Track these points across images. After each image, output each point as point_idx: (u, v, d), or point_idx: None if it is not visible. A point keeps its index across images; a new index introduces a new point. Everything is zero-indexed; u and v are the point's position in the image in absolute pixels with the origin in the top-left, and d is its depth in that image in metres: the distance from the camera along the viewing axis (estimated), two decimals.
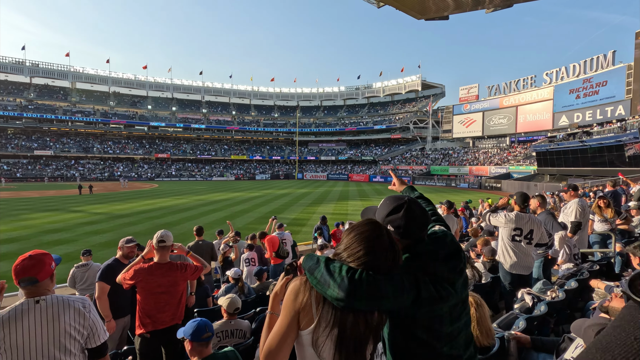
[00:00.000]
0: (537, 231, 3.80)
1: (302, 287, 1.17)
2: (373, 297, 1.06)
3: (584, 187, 20.47)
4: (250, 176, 66.57)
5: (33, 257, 1.84)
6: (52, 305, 1.79)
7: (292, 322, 1.14)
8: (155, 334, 2.92)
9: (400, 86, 76.04)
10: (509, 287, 3.88)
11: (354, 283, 1.05)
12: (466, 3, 3.19)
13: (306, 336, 1.14)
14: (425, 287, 1.13)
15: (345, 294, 1.05)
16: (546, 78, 45.28)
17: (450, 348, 1.20)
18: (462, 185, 45.86)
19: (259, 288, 5.10)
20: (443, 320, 1.18)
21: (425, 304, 1.13)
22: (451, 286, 1.18)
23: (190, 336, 2.16)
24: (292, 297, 1.17)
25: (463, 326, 1.25)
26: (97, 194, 32.38)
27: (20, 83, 64.88)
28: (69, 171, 56.35)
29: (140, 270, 2.94)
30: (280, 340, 1.14)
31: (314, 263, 1.17)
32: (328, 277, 1.09)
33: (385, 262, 1.13)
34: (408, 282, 1.12)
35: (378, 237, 1.15)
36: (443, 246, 1.24)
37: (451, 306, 1.19)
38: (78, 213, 19.72)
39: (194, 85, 78.03)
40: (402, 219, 1.22)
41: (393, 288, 1.08)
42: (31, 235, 13.41)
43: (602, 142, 29.51)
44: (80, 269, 5.40)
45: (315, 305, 1.14)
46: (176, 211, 20.60)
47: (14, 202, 24.86)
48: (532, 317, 2.65)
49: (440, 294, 1.14)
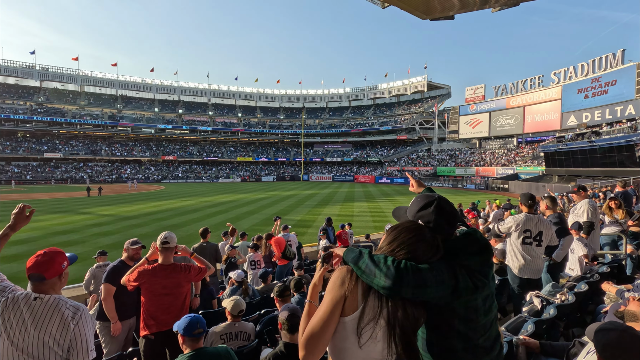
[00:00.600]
0: (547, 233, 3.71)
1: (349, 275, 1.20)
2: (418, 285, 1.12)
3: (593, 188, 20.16)
4: (256, 178, 66.78)
5: (46, 254, 1.84)
6: (44, 308, 1.75)
7: (337, 306, 1.16)
8: (159, 336, 2.92)
9: (405, 87, 75.76)
10: (518, 290, 3.80)
11: (400, 271, 1.11)
12: (472, 2, 3.14)
13: (349, 323, 1.15)
14: (462, 278, 1.19)
15: (392, 282, 1.10)
16: (554, 78, 44.77)
17: (485, 340, 1.26)
18: (469, 186, 45.51)
19: (263, 290, 5.08)
20: (478, 310, 1.24)
21: (463, 294, 1.19)
22: (485, 278, 1.25)
23: (183, 330, 2.23)
24: (339, 282, 1.19)
25: (494, 319, 1.32)
26: (105, 195, 32.73)
27: (31, 87, 65.95)
28: (77, 173, 57.05)
29: (144, 271, 2.94)
30: (323, 324, 1.14)
31: (357, 255, 1.21)
32: (373, 267, 1.14)
33: (429, 253, 1.20)
34: (447, 273, 1.18)
35: (420, 234, 1.23)
36: (474, 241, 1.31)
37: (484, 297, 1.25)
38: (86, 215, 19.94)
39: (200, 88, 78.60)
40: (432, 214, 1.28)
41: (435, 277, 1.14)
42: (41, 237, 13.59)
43: (612, 142, 29.04)
44: (100, 269, 5.50)
45: (361, 293, 1.17)
46: (182, 213, 20.73)
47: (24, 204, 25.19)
48: (541, 321, 2.60)
49: (476, 285, 1.21)
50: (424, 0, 3.11)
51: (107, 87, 71.28)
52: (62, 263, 1.87)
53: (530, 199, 3.80)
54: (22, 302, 1.74)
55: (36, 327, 1.70)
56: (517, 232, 3.75)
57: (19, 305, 1.73)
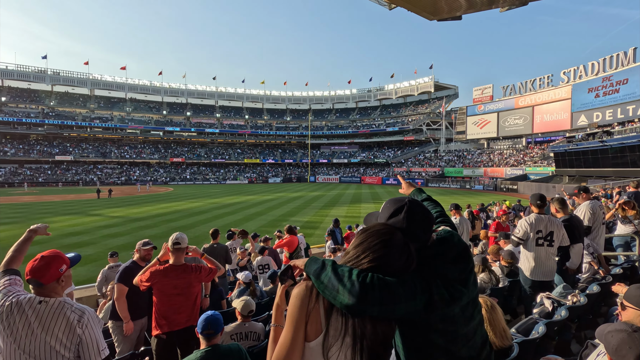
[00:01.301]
0: (558, 233, 3.67)
1: (308, 293, 1.09)
2: (386, 302, 1.00)
3: (605, 189, 19.83)
4: (263, 179, 67.06)
5: (43, 258, 1.83)
6: (49, 311, 1.75)
7: (299, 331, 1.06)
8: (171, 335, 2.96)
9: (412, 88, 75.45)
10: (530, 292, 3.76)
11: (365, 288, 0.99)
12: (479, 2, 3.13)
13: (315, 348, 1.06)
14: (437, 290, 1.08)
15: (357, 300, 0.98)
16: (564, 77, 44.18)
17: (468, 349, 1.17)
18: (477, 187, 45.10)
19: (272, 291, 5.11)
20: (457, 322, 1.14)
21: (438, 307, 1.09)
22: (463, 286, 1.15)
23: (198, 326, 2.33)
24: (298, 304, 1.08)
25: (477, 325, 1.21)
26: (114, 197, 33.17)
27: (42, 91, 67.23)
28: (88, 176, 57.92)
29: (155, 272, 2.99)
30: (287, 352, 1.05)
31: (319, 267, 1.10)
32: (336, 282, 1.02)
33: (399, 262, 1.09)
34: (420, 286, 1.07)
35: (391, 237, 1.11)
36: (451, 247, 1.20)
37: (462, 306, 1.15)
38: (97, 216, 20.23)
39: (208, 91, 79.29)
40: (404, 221, 1.17)
41: (405, 292, 1.03)
42: (52, 238, 13.80)
43: (624, 142, 28.54)
44: (112, 270, 5.59)
45: (323, 313, 1.06)
46: (191, 214, 20.90)
47: (36, 206, 25.68)
48: (553, 322, 2.58)
49: (453, 296, 1.11)
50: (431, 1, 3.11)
51: (117, 90, 72.33)
52: (60, 267, 1.83)
53: (539, 200, 3.76)
54: (26, 306, 1.74)
55: (42, 329, 1.71)
56: (532, 233, 3.71)
57: (24, 309, 1.73)
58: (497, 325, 2.18)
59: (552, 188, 29.98)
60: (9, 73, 62.64)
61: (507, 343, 2.18)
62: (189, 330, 3.05)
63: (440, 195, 32.81)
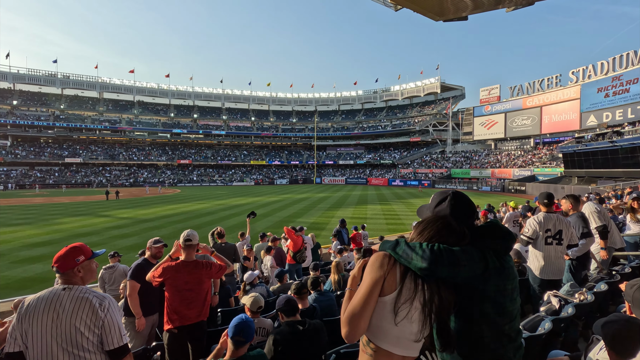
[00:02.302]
0: (567, 231, 3.66)
1: (386, 259, 1.28)
2: (452, 265, 1.20)
3: (615, 189, 19.56)
4: (269, 181, 67.29)
5: (65, 248, 1.96)
6: (73, 297, 1.85)
7: (376, 286, 1.23)
8: (182, 330, 3.03)
9: (418, 89, 75.21)
10: (539, 291, 3.75)
11: (434, 253, 1.20)
12: (486, 2, 3.14)
13: (388, 302, 1.23)
14: (491, 259, 1.29)
15: (429, 263, 1.19)
16: (572, 77, 43.67)
17: (510, 328, 1.33)
18: (485, 188, 44.74)
19: (279, 289, 5.16)
20: (507, 296, 1.32)
21: (492, 274, 1.28)
22: (509, 262, 1.36)
23: (229, 330, 2.19)
24: (377, 264, 1.27)
25: (517, 311, 1.38)
26: (122, 199, 33.57)
27: (53, 94, 68.37)
28: (97, 177, 58.69)
29: (168, 267, 3.07)
30: (364, 303, 1.22)
31: (394, 243, 1.31)
32: (410, 251, 1.24)
33: (455, 242, 1.29)
34: (477, 255, 1.27)
35: (446, 222, 1.32)
36: (497, 228, 1.39)
37: (512, 287, 1.34)
38: (105, 218, 20.51)
39: (215, 93, 79.92)
40: (447, 208, 1.38)
41: (467, 258, 1.24)
42: (62, 239, 14.04)
43: (635, 142, 28.09)
44: (107, 270, 5.67)
45: (399, 275, 1.24)
46: (198, 216, 21.08)
47: (47, 207, 26.11)
48: (559, 319, 2.58)
49: (503, 265, 1.31)
50: (437, 1, 3.14)
51: (125, 93, 73.27)
52: (77, 257, 1.92)
53: (546, 198, 3.76)
54: (50, 294, 1.85)
55: (68, 313, 1.80)
56: (541, 232, 3.71)
57: (48, 297, 1.84)
58: None
59: (561, 189, 29.62)
60: (20, 77, 63.84)
61: None
62: (200, 325, 3.12)
63: None
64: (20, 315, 1.79)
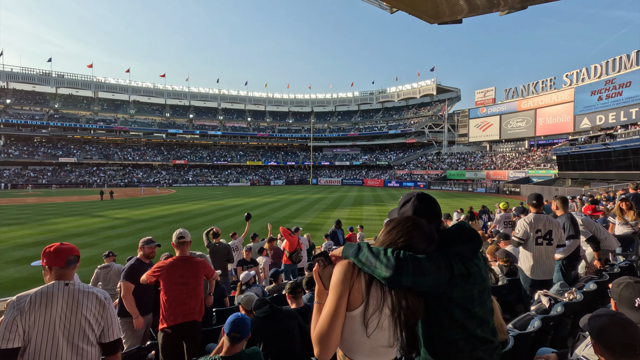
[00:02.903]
0: (556, 231, 3.73)
1: (350, 268, 1.24)
2: (417, 274, 1.17)
3: (607, 191, 19.78)
4: (265, 182, 67.21)
5: (60, 245, 2.05)
6: (78, 290, 1.90)
7: (342, 301, 1.20)
8: (176, 329, 3.04)
9: (414, 90, 75.57)
10: (529, 291, 3.81)
11: (399, 261, 1.16)
12: (480, 5, 3.19)
13: (356, 316, 1.20)
14: (456, 265, 1.24)
15: (392, 272, 1.15)
16: (566, 80, 44.14)
17: (482, 331, 1.31)
18: (479, 190, 45.02)
19: (274, 289, 5.18)
20: (474, 301, 1.29)
21: (459, 281, 1.24)
22: (476, 266, 1.31)
23: (225, 326, 2.21)
24: (341, 277, 1.22)
25: (490, 313, 1.36)
26: (117, 199, 33.35)
27: (47, 93, 67.83)
28: (91, 177, 58.25)
29: (162, 265, 3.13)
30: (331, 320, 1.18)
31: (356, 249, 1.27)
32: (373, 259, 1.19)
33: (422, 244, 1.25)
34: (443, 262, 1.23)
35: (415, 222, 1.29)
36: (464, 231, 1.36)
37: (480, 290, 1.31)
38: (100, 218, 20.37)
39: (211, 93, 79.73)
40: (410, 209, 1.38)
41: (432, 266, 1.20)
42: (56, 239, 13.87)
43: (627, 145, 28.44)
44: (102, 270, 5.65)
45: (364, 285, 1.21)
46: (193, 216, 21.01)
47: (41, 207, 25.88)
48: (548, 317, 2.63)
49: (469, 271, 1.26)
50: (433, 5, 3.18)
51: (120, 93, 72.86)
52: (43, 259, 1.99)
53: (535, 199, 3.83)
54: (53, 288, 1.88)
55: (76, 305, 1.87)
56: (532, 233, 3.78)
57: (52, 291, 1.86)
58: (495, 319, 2.25)
59: (555, 191, 29.91)
60: (14, 75, 63.27)
61: (504, 337, 2.26)
62: (194, 324, 3.13)
63: (442, 198, 32.79)
64: (23, 310, 1.77)
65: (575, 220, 4.18)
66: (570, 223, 4.08)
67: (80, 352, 1.85)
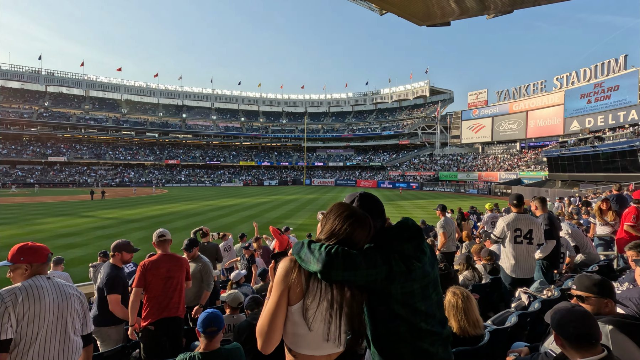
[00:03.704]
0: (537, 231, 3.81)
1: (291, 265, 1.28)
2: (348, 268, 1.18)
3: (595, 193, 20.14)
4: (258, 182, 67.01)
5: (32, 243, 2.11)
6: (62, 284, 2.02)
7: (282, 297, 1.24)
8: (159, 325, 3.04)
9: (408, 92, 76.06)
10: (510, 289, 3.89)
11: (330, 256, 1.18)
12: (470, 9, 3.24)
13: (296, 310, 1.23)
14: (395, 262, 1.24)
15: (323, 265, 1.17)
16: (557, 83, 44.84)
17: (427, 324, 1.31)
18: (472, 191, 45.43)
19: (262, 288, 5.19)
20: (415, 295, 1.29)
21: (398, 278, 1.25)
22: (418, 261, 1.30)
23: (199, 325, 2.21)
24: (283, 273, 1.27)
25: (436, 306, 1.36)
26: (108, 199, 33.00)
27: (36, 91, 66.83)
28: (81, 177, 57.50)
29: (147, 262, 3.21)
30: (272, 315, 1.23)
31: (300, 247, 1.31)
32: (310, 255, 1.23)
33: (360, 234, 1.27)
34: (381, 258, 1.24)
35: (351, 209, 1.32)
36: (406, 228, 1.36)
37: (422, 285, 1.30)
38: (89, 218, 20.14)
39: (204, 93, 79.31)
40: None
41: (366, 261, 1.21)
42: (44, 239, 13.75)
43: (615, 148, 29.00)
44: (92, 268, 5.61)
45: (304, 281, 1.24)
46: (185, 216, 20.89)
47: (29, 207, 25.50)
48: (525, 314, 2.70)
49: (409, 268, 1.26)
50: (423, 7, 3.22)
51: (112, 91, 72.08)
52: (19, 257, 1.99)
53: (515, 199, 3.93)
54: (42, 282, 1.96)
55: (65, 299, 1.99)
56: (509, 232, 3.86)
57: (41, 285, 1.94)
58: (471, 314, 2.33)
59: (545, 192, 30.32)
60: (3, 73, 62.16)
61: (479, 332, 2.33)
62: (176, 320, 3.14)
63: (434, 199, 33.04)
64: (15, 302, 1.81)
65: (552, 220, 4.23)
66: (546, 223, 4.14)
67: (70, 342, 1.96)
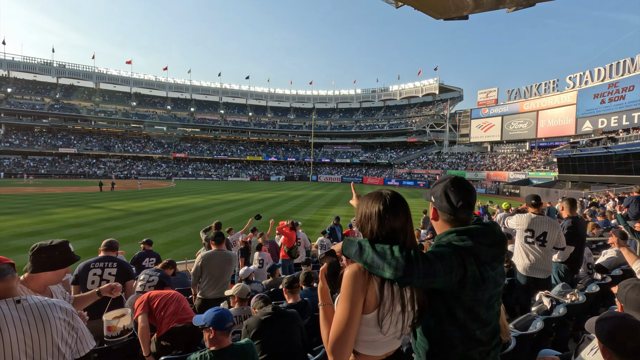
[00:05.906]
0: (552, 233, 3.67)
1: (361, 272, 1.20)
2: (428, 274, 1.13)
3: (606, 195, 19.74)
4: (265, 177, 67.12)
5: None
6: (36, 304, 1.56)
7: (357, 307, 1.17)
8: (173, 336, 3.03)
9: (417, 89, 75.34)
10: (524, 289, 3.80)
11: (410, 262, 1.12)
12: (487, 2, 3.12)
13: (371, 319, 1.19)
14: (470, 267, 1.20)
15: (403, 273, 1.11)
16: (569, 82, 44.00)
17: (482, 332, 1.28)
18: (480, 190, 44.93)
19: (271, 284, 5.14)
20: (482, 304, 1.26)
21: (470, 285, 1.20)
22: (492, 269, 1.26)
23: (213, 324, 2.09)
24: (353, 282, 1.19)
25: (495, 316, 1.34)
26: (117, 191, 33.31)
27: (48, 83, 67.53)
28: (91, 169, 58.14)
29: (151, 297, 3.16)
30: (346, 327, 1.16)
31: (357, 249, 1.22)
32: (380, 261, 1.15)
33: (402, 219, 1.25)
34: (456, 262, 1.18)
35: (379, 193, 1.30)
36: (490, 233, 1.30)
37: (491, 295, 1.28)
38: (99, 209, 20.32)
39: (212, 87, 79.44)
40: (442, 192, 1.37)
41: (444, 266, 1.15)
42: (54, 229, 13.89)
43: (629, 149, 28.39)
44: None
45: (377, 287, 1.19)
46: (192, 210, 20.96)
47: (39, 197, 25.82)
48: (550, 319, 2.59)
49: (483, 276, 1.22)
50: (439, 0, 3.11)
51: (122, 84, 72.57)
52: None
53: (533, 199, 3.83)
54: (3, 316, 1.50)
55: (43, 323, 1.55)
56: (519, 230, 3.82)
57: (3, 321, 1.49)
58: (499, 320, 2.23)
59: (555, 193, 29.86)
60: (15, 64, 62.97)
61: (506, 338, 2.22)
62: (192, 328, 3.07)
63: None
64: None
65: (576, 225, 4.03)
66: (569, 227, 3.99)
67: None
